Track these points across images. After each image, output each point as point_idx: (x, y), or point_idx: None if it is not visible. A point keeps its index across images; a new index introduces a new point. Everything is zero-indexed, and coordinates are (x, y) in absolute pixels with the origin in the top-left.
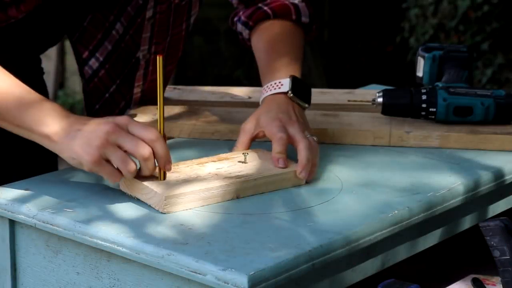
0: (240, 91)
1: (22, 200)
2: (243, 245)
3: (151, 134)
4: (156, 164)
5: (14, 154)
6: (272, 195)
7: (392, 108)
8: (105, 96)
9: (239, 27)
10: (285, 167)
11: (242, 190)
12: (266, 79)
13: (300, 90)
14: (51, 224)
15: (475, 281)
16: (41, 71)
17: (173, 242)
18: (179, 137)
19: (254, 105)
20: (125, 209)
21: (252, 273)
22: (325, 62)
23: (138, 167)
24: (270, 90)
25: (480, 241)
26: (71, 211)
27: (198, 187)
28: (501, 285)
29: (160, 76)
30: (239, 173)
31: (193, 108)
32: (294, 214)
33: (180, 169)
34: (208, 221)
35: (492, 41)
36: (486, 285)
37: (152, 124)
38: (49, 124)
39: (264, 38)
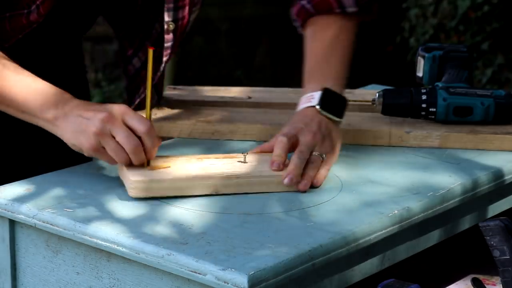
0: (240, 91)
1: (22, 200)
2: (243, 245)
3: (142, 126)
4: None
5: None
6: (272, 195)
7: (392, 108)
8: (142, 95)
9: (293, 22)
10: (279, 170)
11: (222, 186)
12: (302, 92)
13: (332, 104)
14: (51, 224)
15: (475, 281)
16: (84, 69)
17: (173, 242)
18: (179, 137)
19: (254, 105)
20: (125, 209)
21: (252, 273)
22: None
23: None
24: (303, 103)
25: (480, 241)
26: (71, 211)
27: (169, 177)
28: (501, 285)
29: (149, 67)
30: (227, 170)
31: (193, 108)
32: (294, 214)
33: (176, 161)
34: (208, 221)
35: (492, 41)
36: (486, 285)
37: None
38: (51, 110)
39: (308, 43)
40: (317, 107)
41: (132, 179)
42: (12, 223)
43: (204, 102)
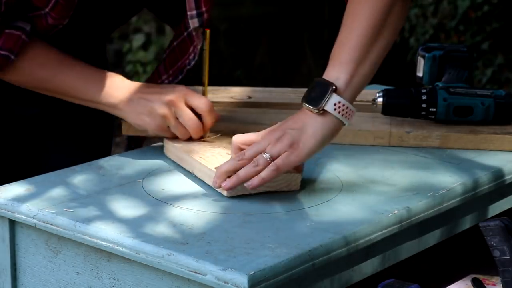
0: (240, 91)
1: (22, 200)
2: (243, 245)
3: (204, 106)
4: None
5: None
6: (272, 195)
7: (392, 108)
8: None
9: None
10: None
11: (195, 169)
12: None
13: (314, 93)
14: (51, 224)
15: (475, 281)
16: (106, 62)
17: (173, 242)
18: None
19: (254, 105)
20: (125, 209)
21: (252, 273)
22: (325, 62)
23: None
24: None
25: (480, 241)
26: (71, 211)
27: (178, 146)
28: (501, 285)
29: (207, 47)
30: (201, 157)
31: None
32: (294, 214)
33: (223, 139)
34: (208, 221)
35: (492, 41)
36: (486, 285)
37: None
38: (113, 94)
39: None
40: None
41: (165, 139)
42: (12, 223)
43: None
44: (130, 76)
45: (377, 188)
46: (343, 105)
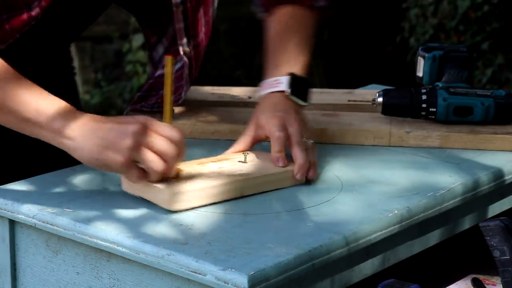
0: (240, 91)
1: (22, 200)
2: (243, 245)
3: (177, 135)
4: None
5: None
6: (272, 195)
7: (392, 108)
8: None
9: (255, 6)
10: (284, 166)
11: (246, 188)
12: (266, 75)
13: (299, 88)
14: (51, 224)
15: (475, 281)
16: (71, 71)
17: (173, 242)
18: None
19: (254, 105)
20: (125, 209)
21: (252, 273)
22: (325, 62)
23: None
24: (267, 88)
25: (480, 241)
26: (71, 211)
27: (204, 184)
28: (501, 285)
29: (169, 75)
30: (241, 172)
31: (193, 108)
32: (294, 214)
33: (182, 169)
34: (208, 221)
35: (492, 41)
36: (486, 285)
37: None
38: (59, 120)
39: (272, 28)
40: (287, 92)
41: (174, 191)
42: (12, 223)
43: (204, 102)
44: (130, 76)
45: (377, 188)
46: None
